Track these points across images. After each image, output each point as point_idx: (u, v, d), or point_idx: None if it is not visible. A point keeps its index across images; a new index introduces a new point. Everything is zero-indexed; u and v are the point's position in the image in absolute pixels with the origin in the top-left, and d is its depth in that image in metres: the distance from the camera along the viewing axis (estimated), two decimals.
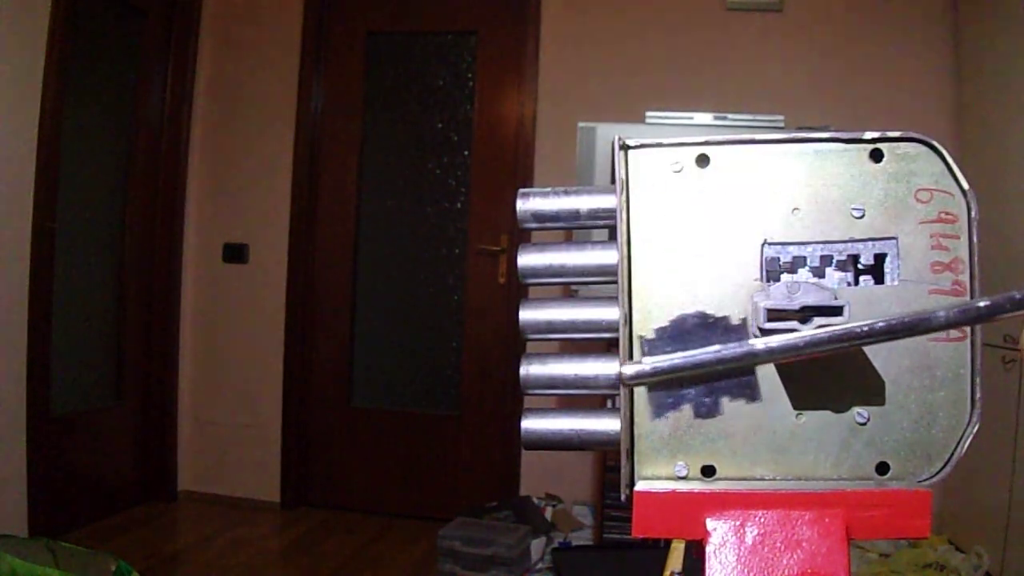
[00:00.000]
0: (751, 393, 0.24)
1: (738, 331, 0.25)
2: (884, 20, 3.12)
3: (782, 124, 2.73)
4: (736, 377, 0.25)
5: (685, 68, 3.22)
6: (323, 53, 3.51)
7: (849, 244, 0.34)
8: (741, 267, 0.37)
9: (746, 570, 0.35)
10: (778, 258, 0.36)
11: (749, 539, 0.36)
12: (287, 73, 3.48)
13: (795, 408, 0.37)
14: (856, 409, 0.37)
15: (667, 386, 0.25)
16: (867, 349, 0.36)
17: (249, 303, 3.53)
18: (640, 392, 0.38)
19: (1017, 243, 2.41)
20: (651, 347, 0.25)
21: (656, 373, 0.24)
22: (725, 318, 0.25)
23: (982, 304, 0.24)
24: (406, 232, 3.51)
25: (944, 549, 2.67)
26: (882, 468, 0.37)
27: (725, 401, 0.24)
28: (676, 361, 0.24)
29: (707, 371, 0.24)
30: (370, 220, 3.53)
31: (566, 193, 0.40)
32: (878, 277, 0.36)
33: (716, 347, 0.24)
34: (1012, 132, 2.55)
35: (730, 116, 2.78)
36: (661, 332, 0.25)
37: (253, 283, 3.52)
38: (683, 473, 0.38)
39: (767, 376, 0.37)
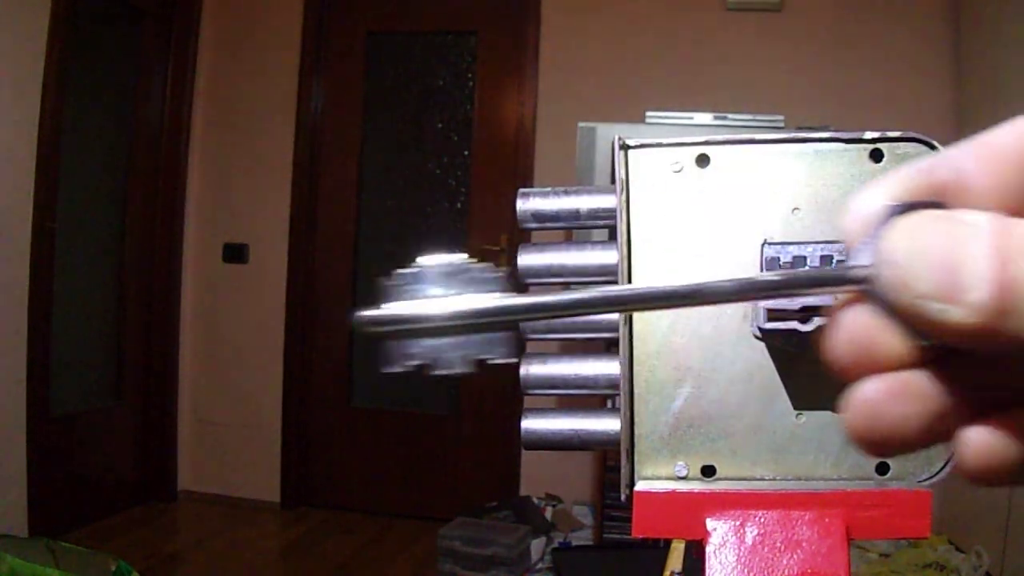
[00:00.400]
0: (502, 352, 0.23)
1: (488, 283, 0.23)
2: (884, 20, 3.12)
3: (782, 124, 2.72)
4: (484, 332, 0.23)
5: (685, 68, 3.22)
6: (323, 53, 3.50)
7: None
8: (741, 267, 0.37)
9: (746, 570, 0.35)
10: (778, 258, 0.36)
11: (749, 539, 0.36)
12: (287, 73, 3.48)
13: (795, 408, 0.37)
14: None
15: (408, 336, 0.23)
16: None
17: (249, 303, 3.53)
18: (641, 392, 0.38)
19: None
20: (390, 293, 0.23)
21: (398, 321, 0.22)
22: (470, 268, 0.23)
23: (768, 278, 0.23)
24: (406, 232, 3.51)
25: (944, 549, 2.67)
26: (882, 468, 0.37)
27: (466, 358, 0.23)
28: (430, 310, 0.22)
29: (455, 324, 0.22)
30: (370, 220, 3.53)
31: (566, 193, 0.40)
32: None
33: (468, 297, 0.22)
34: None
35: (730, 116, 2.78)
36: (402, 277, 0.23)
37: (253, 283, 3.52)
38: (683, 473, 0.38)
39: (765, 375, 0.37)
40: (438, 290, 0.23)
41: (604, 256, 0.39)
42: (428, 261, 0.23)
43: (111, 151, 3.33)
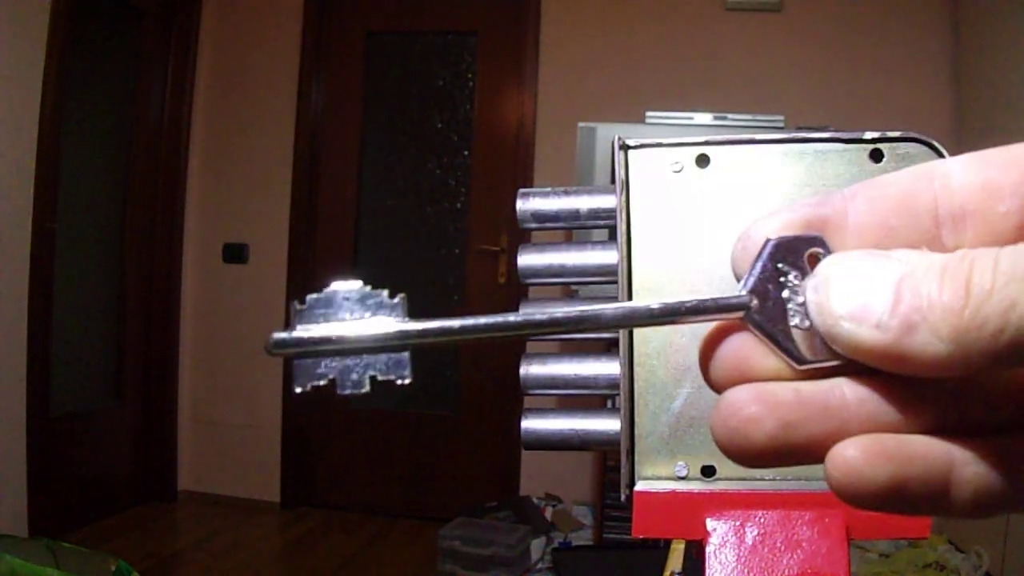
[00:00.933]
0: (401, 373, 0.24)
1: (392, 308, 0.25)
2: (883, 20, 3.12)
3: (782, 124, 2.72)
4: (387, 353, 0.24)
5: (685, 68, 3.22)
6: (323, 53, 3.50)
7: None
8: None
9: (746, 570, 0.35)
10: None
11: (749, 539, 0.36)
12: (287, 73, 3.48)
13: None
14: None
15: (316, 356, 0.24)
16: None
17: (249, 303, 3.53)
18: (641, 392, 0.38)
19: None
20: (303, 316, 0.24)
21: (307, 343, 0.24)
22: (374, 294, 0.25)
23: (650, 307, 0.23)
24: (406, 232, 3.51)
25: (944, 549, 2.67)
26: None
27: (372, 378, 0.25)
28: (341, 332, 0.24)
29: (359, 346, 0.24)
30: (370, 220, 3.53)
31: (566, 193, 0.40)
32: None
33: (375, 320, 0.24)
34: (1012, 132, 2.55)
35: (730, 116, 2.78)
36: (313, 302, 0.25)
37: (253, 283, 3.52)
38: (683, 473, 0.38)
39: None
40: (345, 314, 0.25)
41: (604, 256, 0.39)
42: (337, 287, 0.25)
43: (111, 151, 3.33)
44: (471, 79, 3.43)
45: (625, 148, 0.39)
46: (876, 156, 0.38)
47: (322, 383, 0.25)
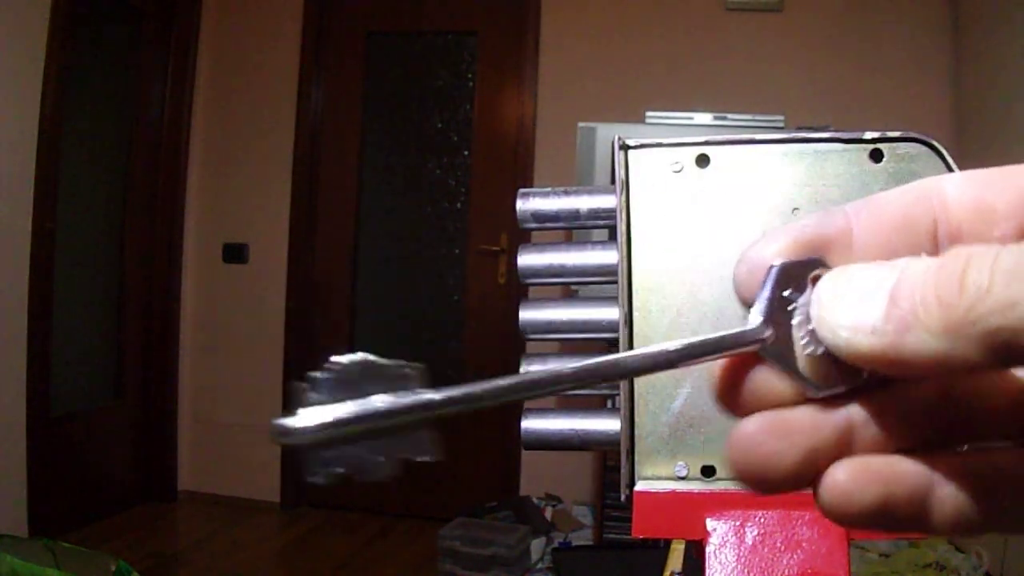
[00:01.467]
0: (423, 451, 0.21)
1: (406, 380, 0.22)
2: (883, 20, 3.12)
3: (782, 124, 2.72)
4: (406, 433, 0.21)
5: (685, 68, 3.22)
6: (323, 53, 3.50)
7: None
8: None
9: (746, 570, 0.35)
10: None
11: (749, 539, 0.36)
12: (287, 73, 3.48)
13: None
14: None
15: (328, 445, 0.21)
16: None
17: (249, 303, 3.52)
18: (641, 392, 0.38)
19: None
20: (307, 398, 0.22)
21: (324, 429, 0.21)
22: (385, 366, 0.22)
23: (674, 348, 0.23)
24: (406, 232, 3.51)
25: (944, 549, 2.67)
26: None
27: (391, 460, 0.21)
28: (352, 413, 0.21)
29: (380, 426, 0.21)
30: (370, 220, 3.53)
31: (566, 193, 0.40)
32: None
33: (391, 397, 0.21)
34: (1012, 133, 2.55)
35: (730, 116, 2.77)
36: (318, 380, 0.22)
37: (253, 283, 3.52)
38: (683, 473, 0.38)
39: None
40: (355, 392, 0.22)
41: (604, 256, 0.39)
42: (341, 362, 0.22)
43: (111, 151, 3.33)
44: (471, 79, 3.43)
45: (625, 148, 0.39)
46: (876, 156, 0.38)
47: (340, 470, 0.22)
